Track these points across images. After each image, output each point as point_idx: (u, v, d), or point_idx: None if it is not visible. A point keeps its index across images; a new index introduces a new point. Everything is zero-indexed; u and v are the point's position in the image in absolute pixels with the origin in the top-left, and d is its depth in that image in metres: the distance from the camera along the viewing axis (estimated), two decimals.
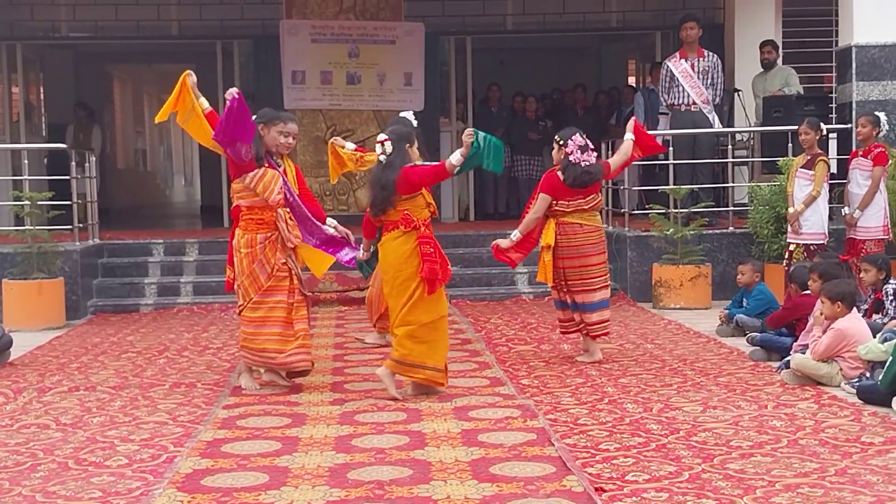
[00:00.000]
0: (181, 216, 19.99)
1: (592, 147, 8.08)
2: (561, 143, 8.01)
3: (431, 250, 6.83)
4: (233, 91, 7.06)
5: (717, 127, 12.45)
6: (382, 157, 7.01)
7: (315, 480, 5.05)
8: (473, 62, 15.67)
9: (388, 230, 7.03)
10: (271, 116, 7.44)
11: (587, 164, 7.94)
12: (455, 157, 6.93)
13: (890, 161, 10.20)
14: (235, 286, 7.29)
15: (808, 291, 8.15)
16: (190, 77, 7.48)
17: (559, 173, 7.99)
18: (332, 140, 9.12)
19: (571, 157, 7.91)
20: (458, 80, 15.57)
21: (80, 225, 11.77)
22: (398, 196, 6.89)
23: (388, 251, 6.99)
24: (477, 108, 16.04)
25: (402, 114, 8.28)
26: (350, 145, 9.06)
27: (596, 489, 4.78)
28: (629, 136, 8.26)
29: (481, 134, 7.46)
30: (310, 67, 14.61)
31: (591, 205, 8.10)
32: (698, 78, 12.28)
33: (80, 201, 11.91)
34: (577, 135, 8.01)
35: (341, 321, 10.55)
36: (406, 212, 6.91)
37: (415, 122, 7.95)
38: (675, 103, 12.36)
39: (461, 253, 12.13)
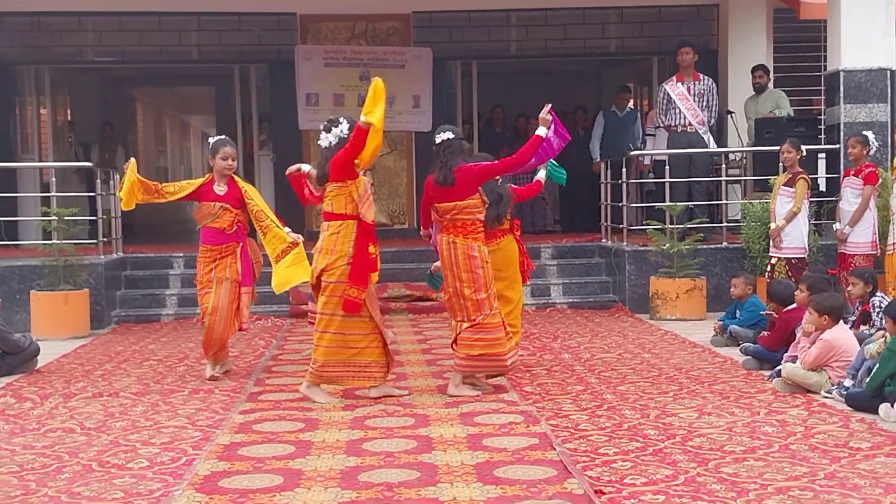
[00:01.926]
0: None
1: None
2: None
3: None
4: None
5: (712, 147, 12.47)
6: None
7: (327, 482, 5.04)
8: (479, 85, 15.71)
9: (499, 236, 7.84)
10: (212, 147, 7.86)
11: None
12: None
13: (879, 180, 10.23)
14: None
15: (791, 306, 8.16)
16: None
17: None
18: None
19: None
20: (464, 102, 15.61)
21: (105, 239, 11.81)
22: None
23: (509, 252, 7.95)
24: (482, 129, 16.07)
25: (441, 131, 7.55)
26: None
27: (595, 491, 4.78)
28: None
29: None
30: (323, 90, 14.67)
31: None
32: (694, 100, 12.33)
33: (104, 217, 11.95)
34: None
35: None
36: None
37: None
38: (672, 124, 12.38)
39: None
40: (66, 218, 10.99)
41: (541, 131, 7.53)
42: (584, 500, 4.67)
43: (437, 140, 7.33)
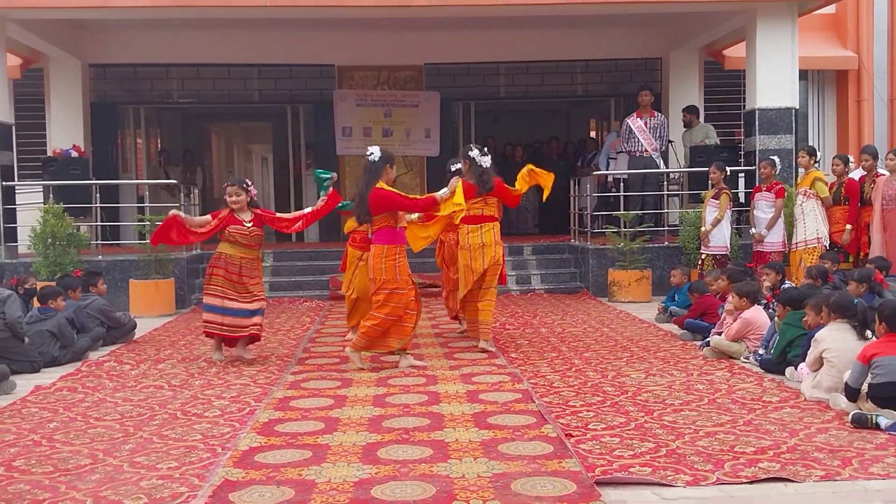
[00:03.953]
0: None
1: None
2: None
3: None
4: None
5: (663, 168, 12.47)
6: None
7: (358, 428, 5.04)
8: (475, 121, 15.70)
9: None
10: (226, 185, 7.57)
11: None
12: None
13: (785, 194, 10.22)
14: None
15: (707, 294, 8.17)
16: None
17: None
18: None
19: None
20: (464, 133, 15.59)
21: None
22: None
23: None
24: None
25: (370, 149, 7.02)
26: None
27: (566, 435, 4.78)
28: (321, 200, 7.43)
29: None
30: (355, 124, 14.67)
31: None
32: (649, 132, 12.30)
33: None
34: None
35: None
36: None
37: (377, 156, 6.97)
38: (633, 150, 12.38)
39: None
40: (157, 223, 10.96)
41: (441, 193, 6.98)
42: (557, 441, 4.66)
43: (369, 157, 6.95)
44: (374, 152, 6.94)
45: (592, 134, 17.56)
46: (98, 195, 11.56)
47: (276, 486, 4.05)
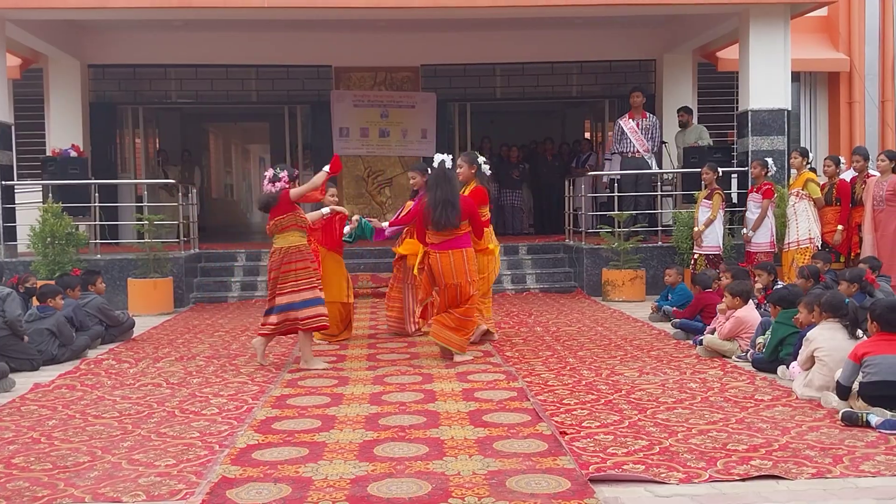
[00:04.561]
0: (258, 233, 19.95)
1: (283, 179, 6.90)
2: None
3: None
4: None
5: (655, 169, 12.47)
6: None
7: (355, 426, 5.04)
8: (471, 122, 15.70)
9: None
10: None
11: (267, 192, 6.90)
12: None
13: (776, 195, 10.24)
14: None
15: (708, 290, 8.18)
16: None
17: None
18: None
19: (263, 187, 7.00)
20: (460, 134, 15.58)
21: (185, 239, 11.80)
22: None
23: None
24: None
25: (438, 156, 7.14)
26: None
27: (560, 433, 4.78)
28: (326, 168, 7.12)
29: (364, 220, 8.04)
30: (352, 125, 14.67)
31: (281, 225, 6.92)
32: (641, 133, 12.31)
33: (185, 221, 11.95)
34: (270, 169, 7.00)
35: (374, 309, 10.53)
36: None
37: (448, 163, 7.09)
38: (625, 151, 12.38)
39: None
40: (155, 222, 11.00)
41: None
42: (551, 439, 4.67)
43: None
44: (446, 159, 7.07)
45: (587, 135, 17.56)
46: (97, 195, 11.54)
47: (273, 484, 4.05)
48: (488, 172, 7.91)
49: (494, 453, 4.43)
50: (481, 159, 7.81)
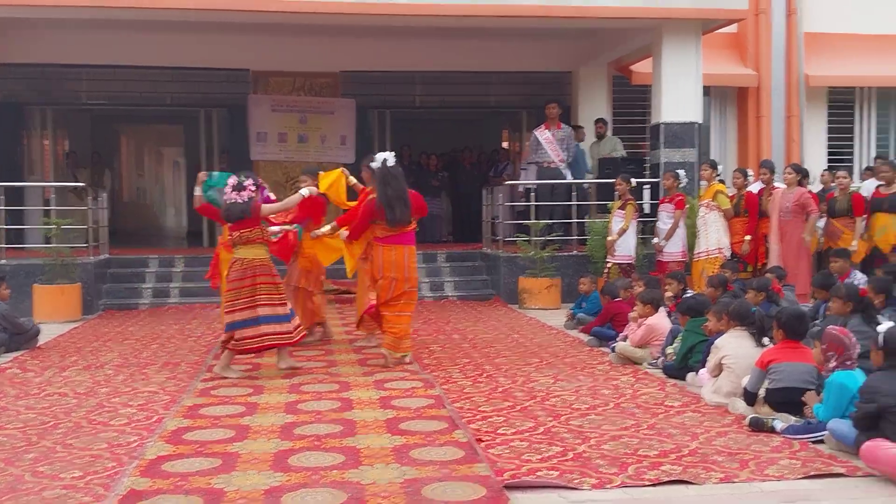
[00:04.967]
0: (171, 237, 19.56)
1: (248, 188, 6.76)
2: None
3: None
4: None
5: (570, 179, 12.64)
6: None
7: (270, 435, 4.97)
8: (391, 129, 15.69)
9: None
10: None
11: (233, 201, 6.75)
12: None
13: (687, 205, 10.50)
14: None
15: (617, 299, 8.33)
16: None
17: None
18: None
19: (226, 196, 6.84)
20: (379, 140, 15.55)
21: (94, 243, 11.46)
22: None
23: None
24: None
25: (379, 155, 7.28)
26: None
27: (477, 440, 4.80)
28: (304, 191, 7.11)
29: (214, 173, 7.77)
30: (270, 130, 14.47)
31: (246, 238, 6.78)
32: (557, 144, 12.45)
33: (94, 226, 11.60)
34: (233, 177, 6.85)
35: None
36: None
37: (391, 161, 7.19)
38: (541, 161, 12.51)
39: None
40: (64, 227, 10.65)
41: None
42: (467, 446, 4.68)
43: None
44: (388, 157, 7.15)
45: (505, 144, 17.73)
46: (2, 197, 11.10)
47: (184, 496, 3.96)
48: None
49: (411, 461, 4.42)
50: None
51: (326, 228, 7.68)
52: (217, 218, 7.68)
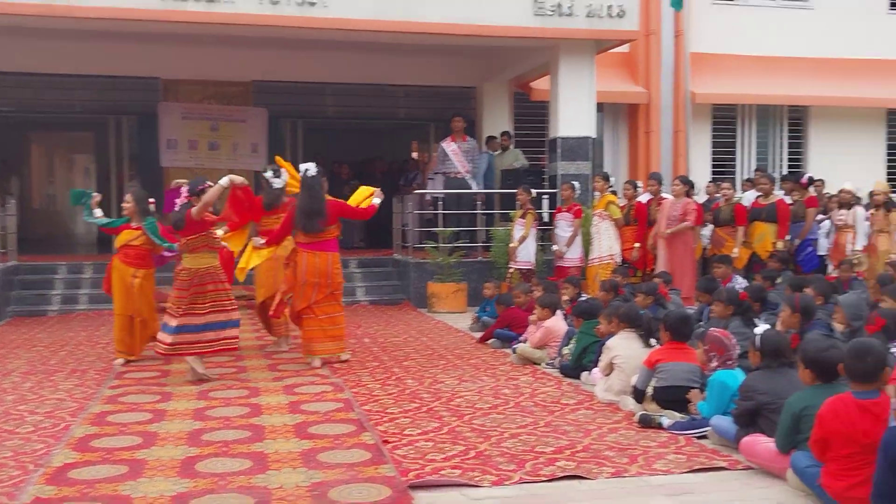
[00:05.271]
0: (81, 244, 18.84)
1: (182, 194, 6.72)
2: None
3: None
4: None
5: (475, 189, 12.73)
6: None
7: (177, 441, 4.84)
8: (304, 138, 15.51)
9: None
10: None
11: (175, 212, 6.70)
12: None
13: (583, 214, 10.71)
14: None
15: (511, 307, 8.42)
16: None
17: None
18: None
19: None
20: (291, 149, 15.35)
21: (2, 250, 10.99)
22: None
23: None
24: None
25: (302, 166, 7.34)
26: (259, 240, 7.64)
27: (383, 441, 4.77)
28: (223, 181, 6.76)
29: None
30: (181, 137, 14.10)
31: (192, 246, 6.66)
32: (463, 155, 12.54)
33: (2, 232, 11.10)
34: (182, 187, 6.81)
35: None
36: None
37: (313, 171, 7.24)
38: (448, 172, 12.57)
39: None
40: None
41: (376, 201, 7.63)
42: (374, 448, 4.65)
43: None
44: (310, 168, 7.18)
45: (414, 155, 17.75)
46: None
47: (90, 503, 3.81)
48: (279, 184, 7.80)
49: (318, 465, 4.36)
50: (268, 173, 7.81)
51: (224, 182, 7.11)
52: (111, 230, 7.66)
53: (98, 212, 7.61)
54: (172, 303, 6.62)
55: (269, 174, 7.85)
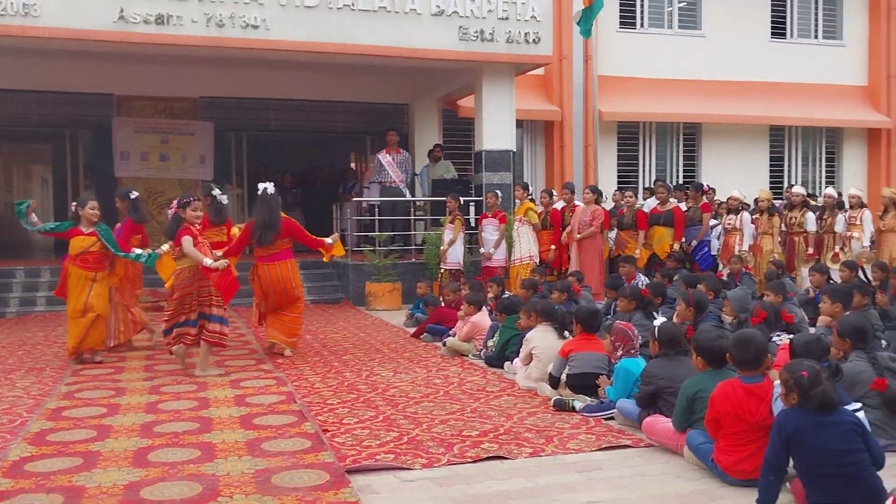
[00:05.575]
0: (40, 249, 18.16)
1: (173, 206, 6.89)
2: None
3: None
4: None
5: (409, 197, 12.71)
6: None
7: (130, 434, 4.70)
8: (248, 150, 15.26)
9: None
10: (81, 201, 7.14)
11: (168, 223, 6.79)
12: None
13: (507, 220, 10.80)
14: None
15: (439, 306, 8.45)
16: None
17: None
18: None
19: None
20: (236, 160, 15.11)
21: None
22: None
23: None
24: (251, 179, 15.56)
25: (261, 185, 7.39)
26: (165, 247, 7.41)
27: (323, 430, 4.72)
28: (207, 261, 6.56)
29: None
30: (133, 149, 13.74)
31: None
32: (397, 166, 12.51)
33: None
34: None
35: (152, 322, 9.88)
36: None
37: (270, 190, 7.35)
38: (384, 181, 12.54)
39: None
40: None
41: (329, 239, 7.61)
42: (314, 437, 4.59)
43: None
44: (268, 186, 7.30)
45: (352, 165, 17.64)
46: None
47: (45, 494, 3.68)
48: (225, 202, 7.88)
49: (262, 453, 4.29)
50: (216, 191, 7.81)
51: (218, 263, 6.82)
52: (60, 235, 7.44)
53: (33, 218, 7.32)
54: (173, 304, 6.58)
55: (216, 192, 7.89)
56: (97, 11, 9.93)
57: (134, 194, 7.97)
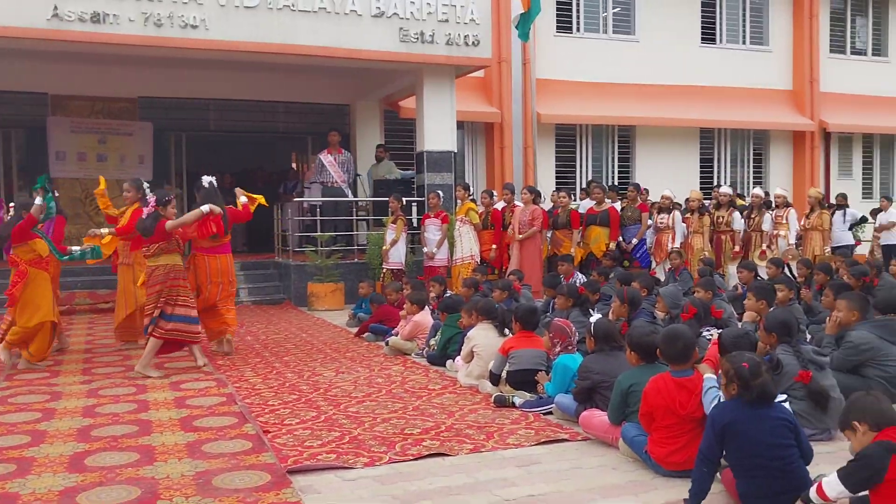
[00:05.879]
0: None
1: (151, 203, 6.72)
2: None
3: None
4: None
5: (350, 197, 12.63)
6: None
7: (66, 439, 4.55)
8: (188, 150, 14.94)
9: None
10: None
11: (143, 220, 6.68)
12: None
13: (449, 220, 10.83)
14: None
15: (383, 304, 8.43)
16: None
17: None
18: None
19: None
20: (176, 160, 14.78)
21: None
22: None
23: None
24: (190, 179, 15.26)
25: (204, 178, 7.43)
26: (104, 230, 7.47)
27: (264, 431, 4.66)
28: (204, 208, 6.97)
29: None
30: (70, 149, 13.32)
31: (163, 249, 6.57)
32: (339, 167, 12.42)
33: None
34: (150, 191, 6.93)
35: (91, 325, 9.64)
36: None
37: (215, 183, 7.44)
38: (325, 181, 12.43)
39: None
40: None
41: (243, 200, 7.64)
42: (255, 438, 4.53)
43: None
44: (212, 180, 7.34)
45: (294, 165, 17.44)
46: None
47: None
48: (151, 198, 7.33)
49: (203, 455, 4.21)
50: (146, 186, 7.69)
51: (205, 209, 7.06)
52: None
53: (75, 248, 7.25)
54: (152, 297, 6.50)
55: (146, 186, 7.72)
56: (30, 8, 9.61)
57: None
